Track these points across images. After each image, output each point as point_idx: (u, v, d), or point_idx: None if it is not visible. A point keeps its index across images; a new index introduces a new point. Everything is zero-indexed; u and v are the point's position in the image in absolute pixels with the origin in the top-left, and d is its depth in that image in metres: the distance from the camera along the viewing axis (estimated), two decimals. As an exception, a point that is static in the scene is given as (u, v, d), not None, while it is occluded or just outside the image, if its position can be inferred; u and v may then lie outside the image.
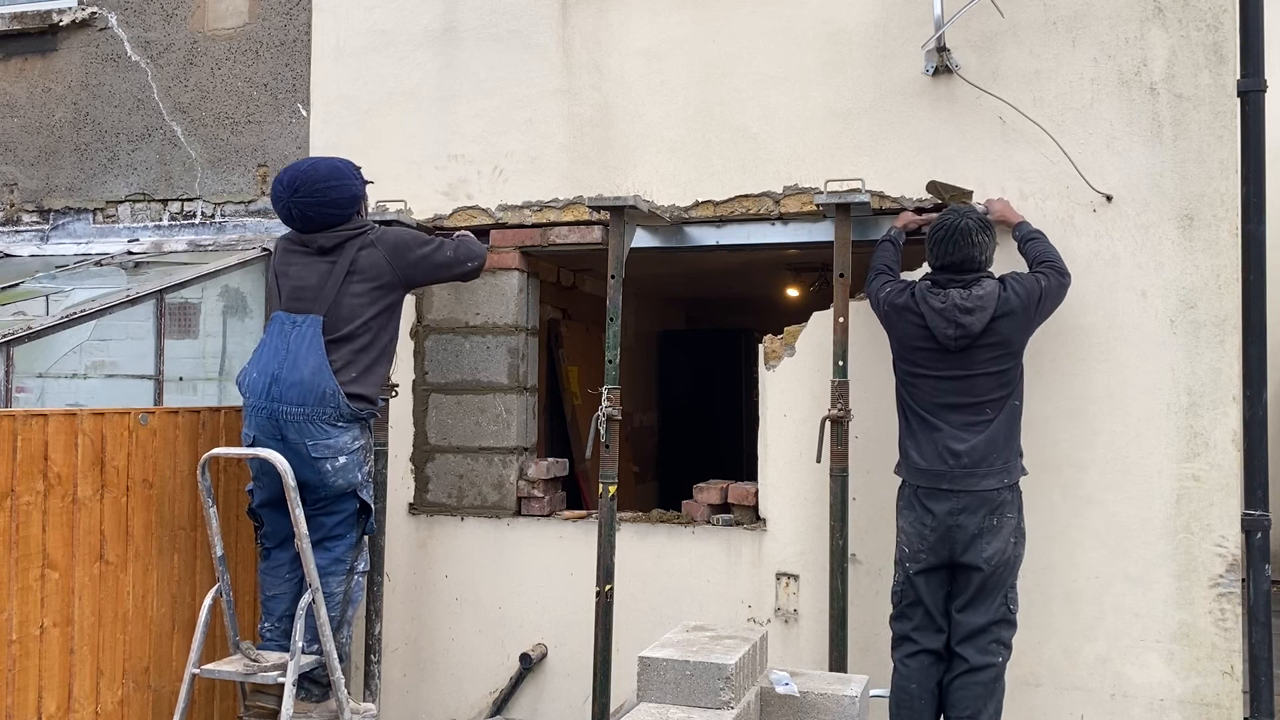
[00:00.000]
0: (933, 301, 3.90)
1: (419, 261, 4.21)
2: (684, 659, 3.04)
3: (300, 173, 4.15)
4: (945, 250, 3.90)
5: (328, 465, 3.96)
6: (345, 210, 4.16)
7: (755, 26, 4.65)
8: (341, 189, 4.14)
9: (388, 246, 4.15)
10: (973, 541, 3.78)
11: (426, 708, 4.98)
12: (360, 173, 4.28)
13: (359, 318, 4.05)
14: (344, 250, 4.11)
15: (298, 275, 4.11)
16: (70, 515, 3.76)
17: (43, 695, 3.66)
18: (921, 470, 3.90)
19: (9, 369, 4.27)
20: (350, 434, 4.00)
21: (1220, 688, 4.02)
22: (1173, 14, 4.15)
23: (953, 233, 3.88)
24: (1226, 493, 4.05)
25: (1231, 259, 4.08)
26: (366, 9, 5.20)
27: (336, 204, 4.13)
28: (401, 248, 4.18)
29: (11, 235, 5.83)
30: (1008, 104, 4.26)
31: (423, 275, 4.28)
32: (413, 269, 4.20)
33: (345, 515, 4.09)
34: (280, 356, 3.98)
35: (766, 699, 3.27)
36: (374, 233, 4.18)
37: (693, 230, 4.79)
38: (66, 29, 5.72)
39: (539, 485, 4.91)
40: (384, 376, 4.24)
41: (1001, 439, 3.84)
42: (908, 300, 3.97)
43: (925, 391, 3.94)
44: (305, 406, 3.93)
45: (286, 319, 4.05)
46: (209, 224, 5.50)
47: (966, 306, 3.83)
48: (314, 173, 4.14)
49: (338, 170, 4.18)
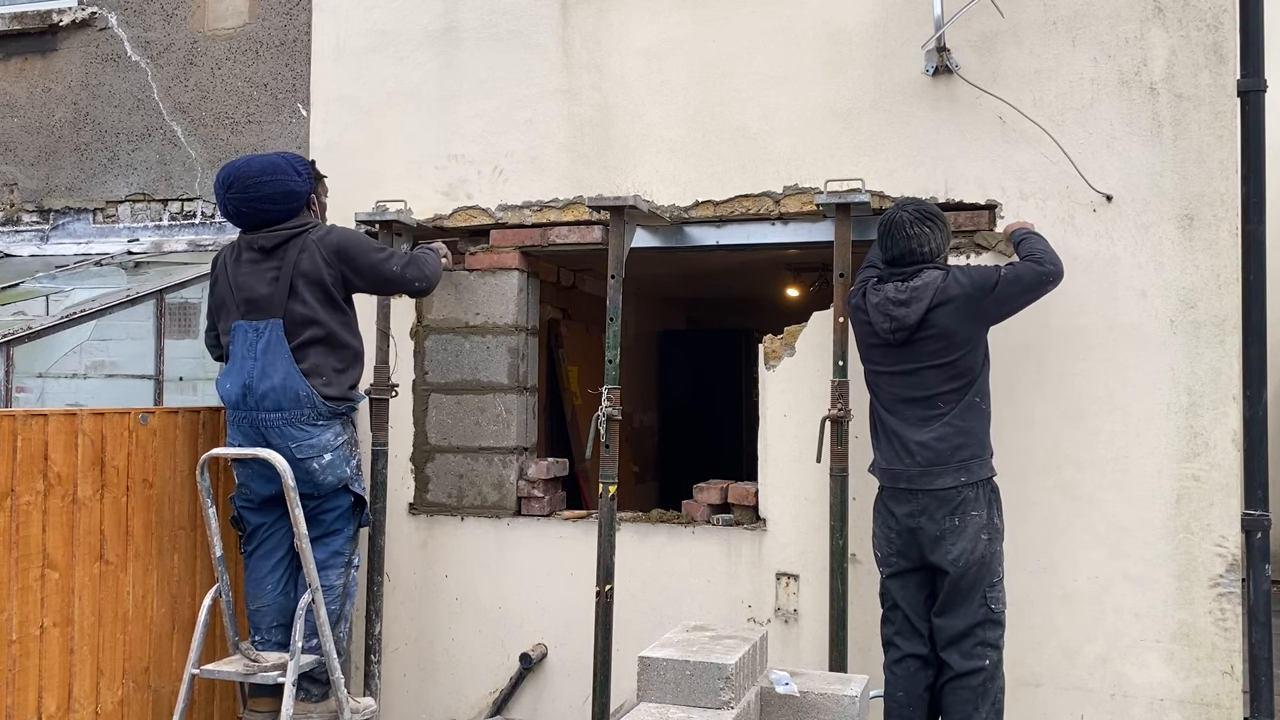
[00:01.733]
0: (872, 297, 3.92)
1: (363, 269, 4.10)
2: (684, 659, 3.04)
3: (235, 169, 4.10)
4: (886, 245, 3.91)
5: (314, 464, 3.97)
6: (281, 206, 4.06)
7: (755, 26, 4.65)
8: (275, 184, 4.04)
9: (329, 248, 4.05)
10: (936, 543, 3.76)
11: (426, 708, 4.98)
12: (309, 169, 4.19)
13: (316, 318, 4.00)
14: (286, 250, 4.03)
15: (248, 281, 4.05)
16: (70, 515, 3.76)
17: (43, 695, 3.66)
18: (884, 470, 3.90)
19: (9, 369, 4.27)
20: (332, 430, 3.99)
21: (1220, 688, 4.02)
22: (1173, 14, 4.15)
23: (889, 226, 3.89)
24: (1226, 493, 4.05)
25: (1231, 259, 4.08)
26: (366, 9, 5.20)
27: (270, 199, 4.04)
28: (344, 251, 4.07)
29: (11, 235, 5.83)
30: (1008, 104, 4.26)
31: (364, 283, 4.17)
32: (355, 275, 4.10)
33: (341, 510, 4.11)
34: (250, 365, 3.98)
35: (766, 699, 3.27)
36: (316, 232, 4.07)
37: (693, 230, 4.79)
38: (66, 29, 5.72)
39: (539, 485, 4.91)
40: (357, 371, 4.18)
41: (958, 436, 3.77)
42: (857, 300, 4.01)
43: (883, 389, 3.94)
44: (282, 411, 3.93)
45: (249, 327, 4.01)
46: (209, 224, 5.50)
47: (900, 299, 3.82)
48: (247, 168, 4.07)
49: (273, 165, 4.08)
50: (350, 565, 4.19)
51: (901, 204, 3.97)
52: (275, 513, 4.06)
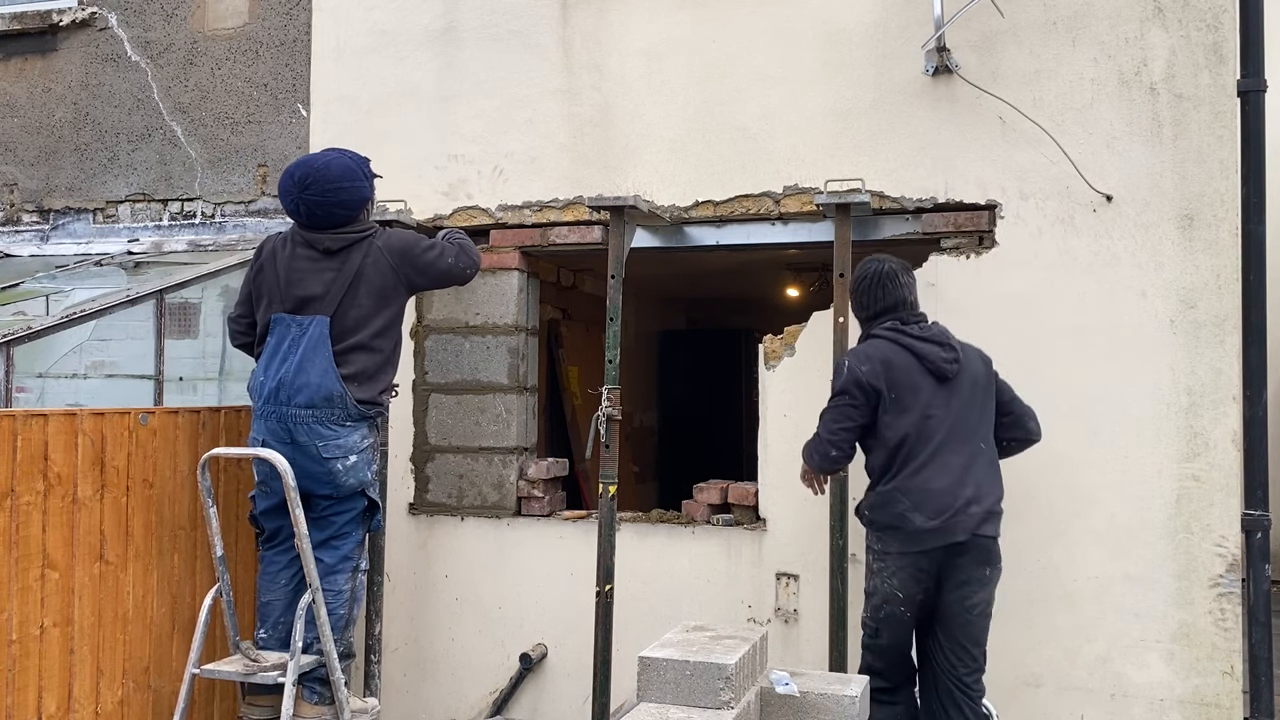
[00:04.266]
0: (912, 331, 3.82)
1: (424, 267, 4.15)
2: (684, 659, 3.03)
3: (313, 170, 4.06)
4: (879, 295, 3.89)
5: (339, 465, 3.96)
6: (354, 212, 4.10)
7: (755, 26, 4.65)
8: (353, 190, 4.07)
9: (394, 251, 4.09)
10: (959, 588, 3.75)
11: (426, 708, 4.98)
12: (370, 171, 4.22)
13: (367, 321, 4.02)
14: (350, 253, 4.05)
15: (302, 278, 4.05)
16: (70, 515, 3.76)
17: (43, 695, 3.65)
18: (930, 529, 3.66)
19: (9, 369, 4.27)
20: (359, 433, 3.99)
21: (1220, 688, 4.02)
22: (1173, 14, 4.15)
23: (881, 278, 3.88)
24: (1226, 493, 4.05)
25: (1231, 259, 4.08)
26: (366, 9, 5.20)
27: (345, 205, 4.07)
28: (407, 252, 4.12)
29: (11, 235, 5.83)
30: (1008, 104, 4.26)
31: (426, 280, 4.24)
32: (418, 274, 4.15)
33: (354, 513, 4.10)
34: (288, 360, 3.97)
35: (766, 699, 3.27)
36: (380, 236, 4.12)
37: (693, 230, 4.79)
38: (66, 29, 5.72)
39: (539, 485, 4.91)
40: (391, 378, 4.21)
41: (999, 481, 3.83)
42: (888, 345, 3.80)
43: (928, 433, 3.71)
44: (314, 408, 3.93)
45: (292, 321, 4.00)
46: (209, 224, 5.50)
47: (940, 339, 3.82)
48: (327, 171, 4.05)
49: (350, 170, 4.10)
50: (358, 570, 4.17)
51: (877, 258, 3.93)
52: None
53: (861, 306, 3.97)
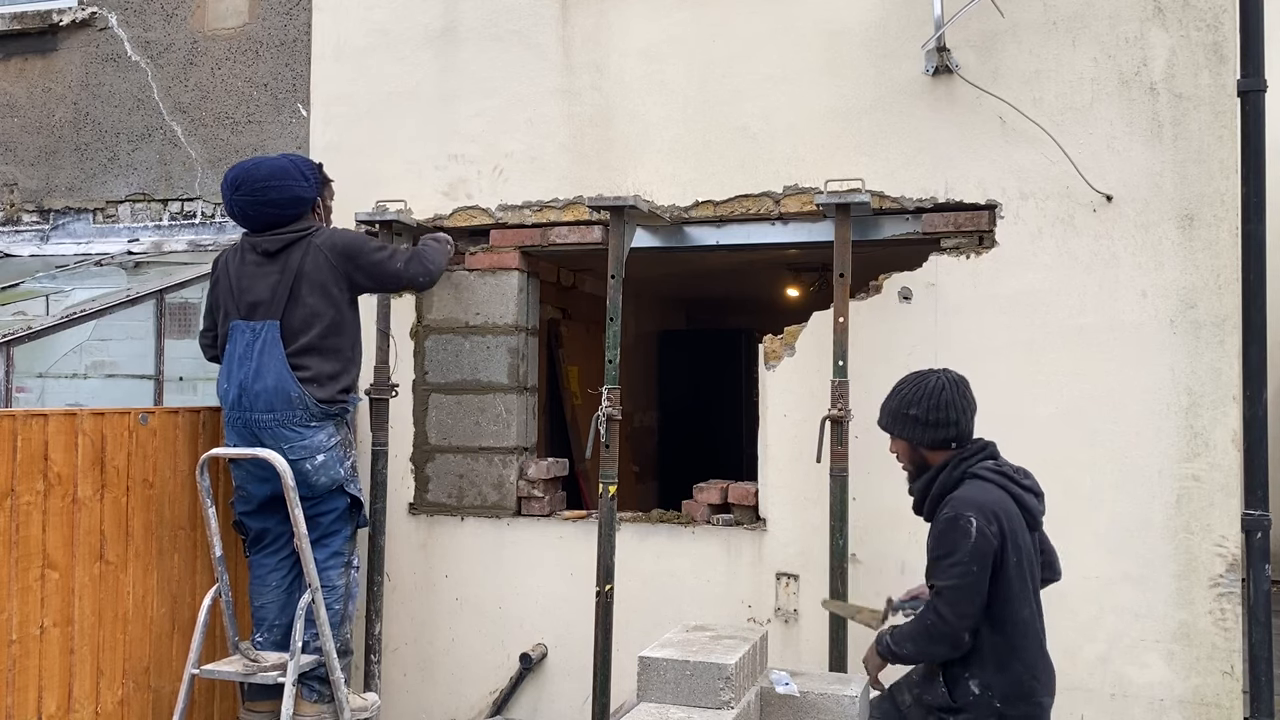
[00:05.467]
0: (1018, 477, 3.38)
1: (369, 268, 4.13)
2: (684, 659, 3.03)
3: (243, 170, 4.13)
4: (964, 410, 3.37)
5: (307, 465, 3.98)
6: (287, 211, 4.09)
7: (755, 26, 4.65)
8: (282, 189, 4.07)
9: (335, 249, 4.08)
10: None
11: (426, 708, 4.98)
12: (316, 173, 4.22)
13: (313, 320, 4.02)
14: (290, 254, 4.05)
15: (249, 281, 4.08)
16: (70, 515, 3.76)
17: (43, 695, 3.65)
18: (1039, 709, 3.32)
19: (9, 369, 4.27)
20: (325, 431, 3.99)
21: (1220, 687, 4.02)
22: (1173, 14, 4.15)
23: (959, 387, 3.42)
24: (1226, 493, 4.05)
25: (1231, 259, 4.08)
26: (366, 9, 5.20)
27: (276, 204, 4.07)
28: (350, 252, 4.10)
29: (11, 235, 5.83)
30: (1008, 104, 4.26)
31: (372, 283, 4.22)
32: (363, 275, 4.14)
33: (338, 512, 4.12)
34: (245, 366, 4.00)
35: (766, 699, 3.26)
36: (319, 235, 4.10)
37: (693, 230, 4.79)
38: (66, 29, 5.72)
39: (539, 485, 4.91)
40: (353, 374, 4.20)
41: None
42: (1004, 504, 3.29)
43: (1032, 597, 3.34)
44: (274, 412, 3.95)
45: (246, 327, 4.04)
46: (209, 224, 5.49)
47: (1030, 474, 3.46)
48: (255, 172, 4.10)
49: (281, 170, 4.11)
50: (350, 566, 4.19)
51: (929, 371, 3.50)
52: (275, 515, 4.06)
53: (938, 425, 3.34)
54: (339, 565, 4.10)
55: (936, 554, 3.24)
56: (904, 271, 4.44)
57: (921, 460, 3.42)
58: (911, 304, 4.41)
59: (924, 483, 3.42)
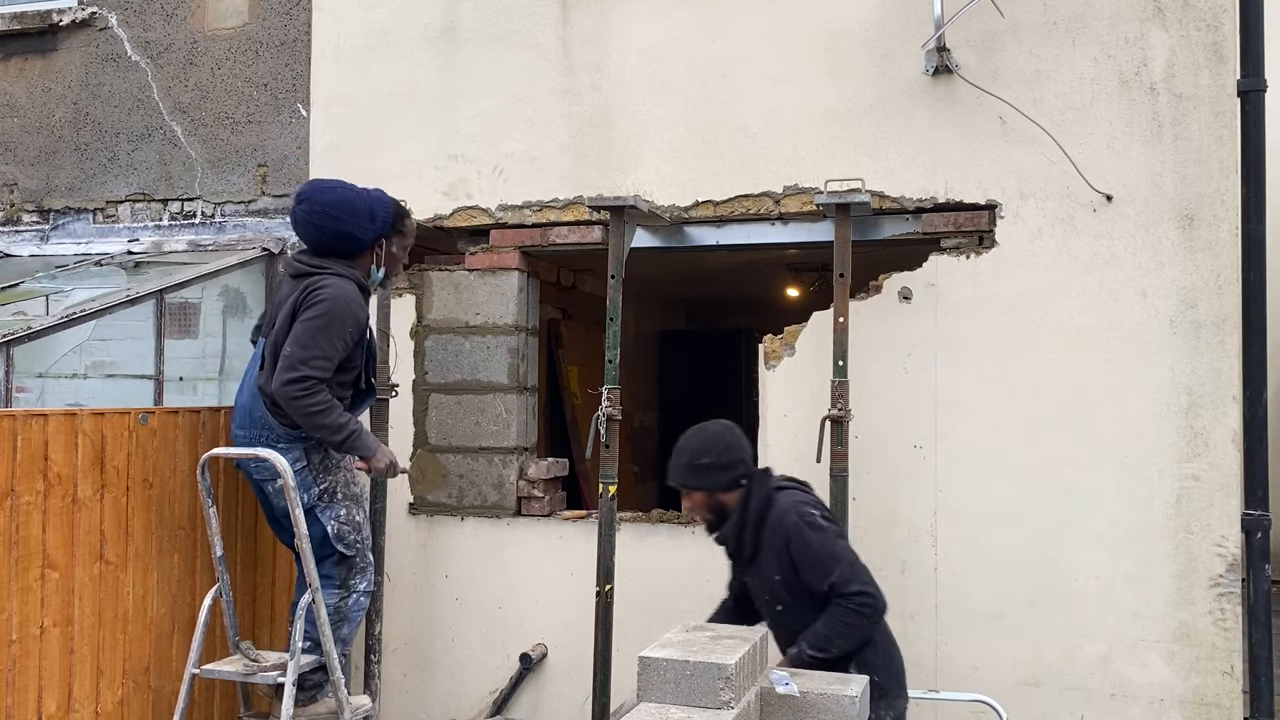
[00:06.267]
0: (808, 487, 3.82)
1: (296, 328, 3.83)
2: (684, 659, 3.03)
3: (314, 188, 4.06)
4: (745, 450, 3.73)
5: (269, 487, 3.94)
6: (333, 244, 3.97)
7: (755, 26, 4.65)
8: (336, 221, 3.94)
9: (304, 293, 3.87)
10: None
11: (426, 708, 4.98)
12: (389, 218, 4.06)
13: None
14: (303, 282, 3.91)
15: (275, 297, 4.09)
16: (70, 515, 3.76)
17: (43, 695, 3.65)
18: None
19: (9, 369, 4.27)
20: (291, 455, 3.82)
21: (1220, 687, 4.02)
22: (1173, 14, 4.15)
23: (734, 431, 3.74)
24: (1226, 493, 4.05)
25: (1231, 259, 4.08)
26: (366, 9, 5.20)
27: (326, 232, 3.96)
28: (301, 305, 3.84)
29: (11, 235, 5.83)
30: (1008, 104, 4.26)
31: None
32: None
33: (317, 539, 3.94)
34: (242, 380, 4.04)
35: (766, 699, 3.26)
36: (323, 280, 3.88)
37: (693, 230, 4.79)
38: (66, 29, 5.72)
39: (539, 485, 4.91)
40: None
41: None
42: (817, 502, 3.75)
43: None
44: (245, 430, 3.94)
45: (259, 342, 4.09)
46: (209, 224, 5.49)
47: None
48: (323, 194, 4.01)
49: (346, 203, 3.98)
50: (348, 589, 4.05)
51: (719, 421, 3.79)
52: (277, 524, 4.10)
53: (731, 466, 3.61)
54: (330, 587, 4.00)
55: (807, 557, 3.47)
56: (904, 271, 4.44)
57: (720, 506, 3.64)
58: (911, 304, 4.41)
59: (735, 522, 3.61)
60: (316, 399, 3.73)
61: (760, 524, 3.57)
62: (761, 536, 3.57)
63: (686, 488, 3.65)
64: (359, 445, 3.86)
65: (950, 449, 4.33)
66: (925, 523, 4.35)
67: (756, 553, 3.60)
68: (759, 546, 3.59)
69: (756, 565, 3.62)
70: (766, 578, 3.60)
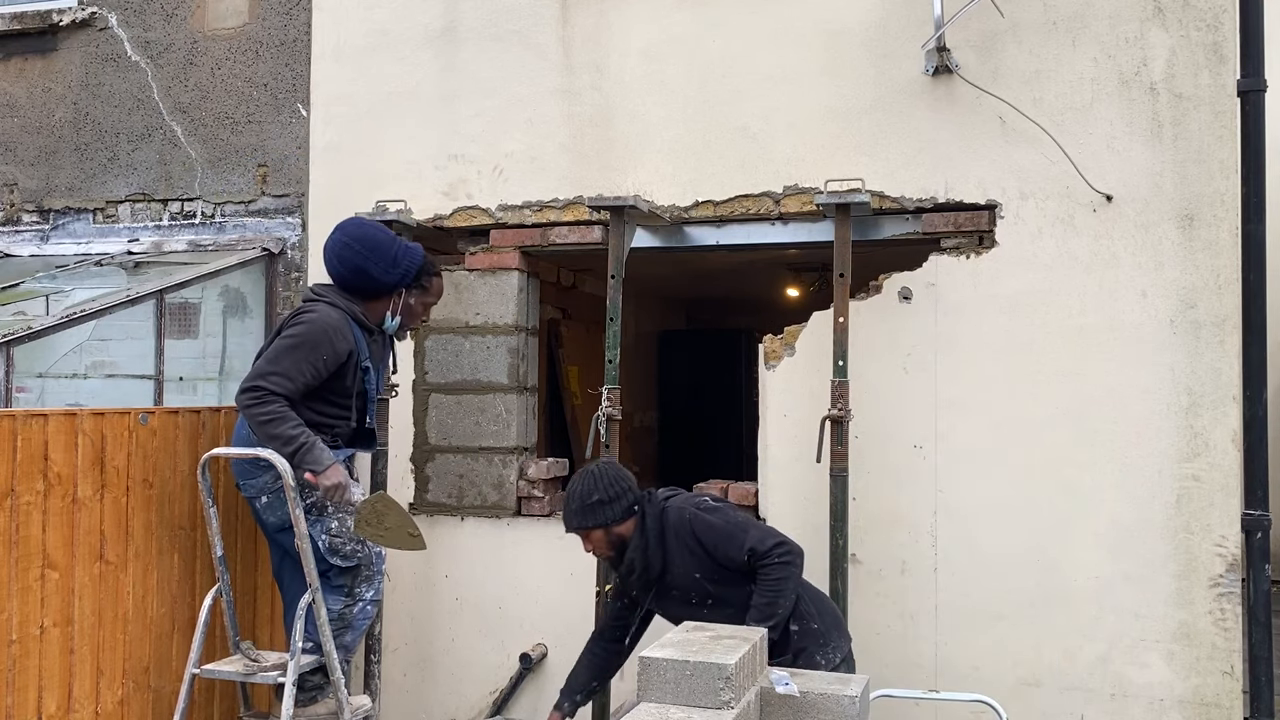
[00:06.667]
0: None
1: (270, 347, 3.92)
2: (684, 659, 3.03)
3: (352, 222, 4.15)
4: (629, 479, 3.80)
5: (256, 503, 4.01)
6: (347, 279, 4.02)
7: (755, 26, 4.65)
8: (358, 256, 3.99)
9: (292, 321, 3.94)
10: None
11: (426, 708, 4.98)
12: (413, 268, 4.07)
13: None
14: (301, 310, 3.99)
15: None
16: (70, 515, 3.76)
17: (43, 695, 3.65)
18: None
19: (9, 369, 4.27)
20: (270, 474, 3.84)
21: (1220, 687, 4.02)
22: (1173, 14, 4.15)
23: (615, 464, 3.86)
24: (1226, 493, 4.05)
25: (1231, 259, 4.08)
26: (366, 9, 5.20)
27: (344, 263, 4.01)
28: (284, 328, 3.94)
29: (11, 235, 5.83)
30: (1008, 104, 4.26)
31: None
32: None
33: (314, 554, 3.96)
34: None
35: (766, 699, 3.26)
36: (310, 308, 3.95)
37: (693, 230, 4.79)
38: (66, 29, 5.72)
39: (539, 485, 4.91)
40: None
41: None
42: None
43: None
44: (239, 447, 3.97)
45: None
46: (209, 224, 5.50)
47: None
48: (355, 229, 4.08)
49: (372, 242, 4.02)
50: (354, 596, 4.06)
51: (598, 462, 3.82)
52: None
53: (620, 496, 3.67)
54: (337, 594, 4.02)
55: (716, 537, 3.60)
56: (904, 271, 4.44)
57: (618, 539, 3.69)
58: (911, 304, 4.41)
59: (638, 545, 3.66)
60: (266, 408, 3.73)
61: (661, 536, 3.66)
62: (667, 547, 3.66)
63: (584, 528, 3.69)
64: (309, 459, 3.75)
65: (950, 449, 4.33)
66: (925, 523, 4.35)
67: (666, 567, 3.67)
68: (667, 559, 3.66)
69: (669, 578, 3.68)
70: (686, 581, 3.66)
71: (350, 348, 3.95)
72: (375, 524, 3.83)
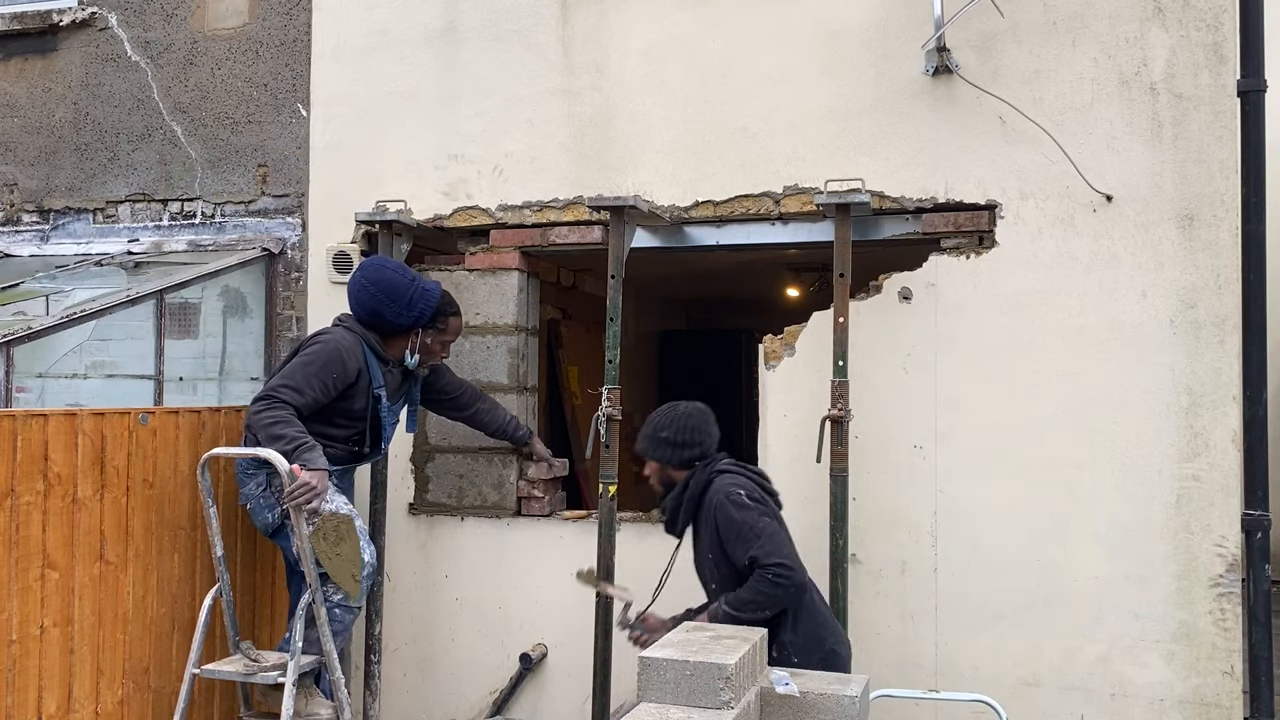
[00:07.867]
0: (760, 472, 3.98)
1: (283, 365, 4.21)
2: (684, 659, 3.03)
3: (373, 262, 4.38)
4: (708, 432, 3.89)
5: (247, 506, 4.17)
6: (364, 317, 4.24)
7: (755, 26, 4.65)
8: (374, 299, 4.21)
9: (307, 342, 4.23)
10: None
11: (426, 708, 4.98)
12: (427, 312, 4.29)
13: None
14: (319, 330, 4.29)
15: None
16: (70, 515, 3.76)
17: (43, 695, 3.66)
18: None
19: (9, 369, 4.27)
20: (254, 482, 4.07)
21: (1220, 687, 4.02)
22: (1173, 14, 4.15)
23: (703, 414, 3.92)
24: (1226, 493, 4.05)
25: (1231, 259, 4.08)
26: (366, 9, 5.20)
27: (361, 304, 4.23)
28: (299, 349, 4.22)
29: (11, 235, 5.83)
30: (1008, 104, 4.26)
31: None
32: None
33: (290, 558, 4.27)
34: None
35: (766, 699, 3.26)
36: (325, 331, 4.25)
37: (693, 230, 4.79)
38: (66, 29, 5.72)
39: (539, 485, 4.91)
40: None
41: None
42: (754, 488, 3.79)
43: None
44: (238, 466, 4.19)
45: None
46: (209, 224, 5.49)
47: None
48: (377, 271, 4.28)
49: (390, 285, 4.22)
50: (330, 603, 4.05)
51: (674, 404, 3.97)
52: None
53: (685, 446, 3.80)
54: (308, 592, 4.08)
55: (731, 532, 3.61)
56: (904, 271, 4.44)
57: (670, 480, 3.86)
58: (911, 304, 4.41)
59: (674, 495, 3.82)
60: (274, 413, 3.92)
61: (696, 502, 3.76)
62: (698, 515, 3.77)
63: (645, 456, 3.90)
64: (306, 456, 3.85)
65: (950, 449, 4.33)
66: (925, 523, 4.35)
67: (693, 530, 3.81)
68: (696, 525, 3.79)
69: (695, 543, 3.83)
70: (703, 555, 3.79)
71: (360, 366, 4.16)
72: (332, 542, 3.95)
